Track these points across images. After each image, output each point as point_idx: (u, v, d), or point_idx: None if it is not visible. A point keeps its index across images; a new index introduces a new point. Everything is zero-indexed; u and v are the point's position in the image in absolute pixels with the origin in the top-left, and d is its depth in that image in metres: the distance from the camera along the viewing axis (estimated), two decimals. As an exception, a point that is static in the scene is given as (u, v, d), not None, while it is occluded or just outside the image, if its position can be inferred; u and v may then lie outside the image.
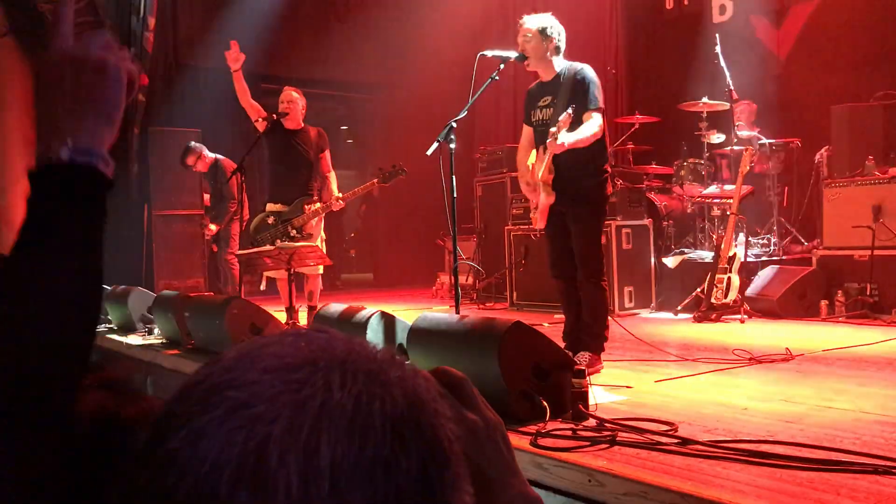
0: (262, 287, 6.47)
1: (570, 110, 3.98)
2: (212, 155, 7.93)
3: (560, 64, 4.26)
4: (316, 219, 6.00)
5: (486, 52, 4.26)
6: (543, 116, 4.27)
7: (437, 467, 0.48)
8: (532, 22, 4.24)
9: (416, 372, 0.53)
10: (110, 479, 0.88)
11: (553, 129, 3.98)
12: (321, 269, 6.14)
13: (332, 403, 0.46)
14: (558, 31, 4.23)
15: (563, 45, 4.26)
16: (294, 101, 6.06)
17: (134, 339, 5.73)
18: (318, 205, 6.01)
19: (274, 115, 6.02)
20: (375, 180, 6.03)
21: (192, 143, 7.99)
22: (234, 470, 0.43)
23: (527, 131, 4.45)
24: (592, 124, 4.03)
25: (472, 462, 0.72)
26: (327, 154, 6.18)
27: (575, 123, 4.02)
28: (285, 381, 0.47)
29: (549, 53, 4.22)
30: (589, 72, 4.19)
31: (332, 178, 6.18)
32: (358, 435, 0.45)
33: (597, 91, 4.12)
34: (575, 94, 4.12)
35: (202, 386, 0.48)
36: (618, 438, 2.59)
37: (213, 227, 7.93)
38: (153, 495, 0.45)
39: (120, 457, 1.00)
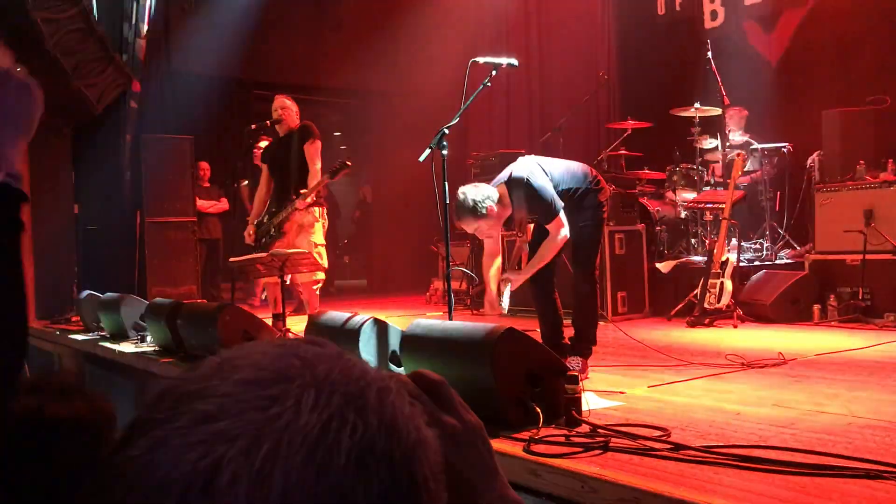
0: (264, 297, 6.40)
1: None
2: None
3: (502, 203, 4.11)
4: (301, 220, 5.89)
5: (477, 59, 4.27)
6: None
7: (404, 502, 0.46)
8: (465, 224, 4.09)
9: (403, 397, 0.51)
10: (35, 475, 0.91)
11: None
12: (320, 276, 6.01)
13: (297, 426, 0.44)
14: (483, 199, 3.98)
15: (490, 200, 4.01)
16: (287, 107, 6.09)
17: (126, 347, 5.71)
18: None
19: (267, 122, 6.05)
20: (326, 176, 5.91)
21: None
22: (184, 487, 0.42)
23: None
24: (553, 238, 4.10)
25: (451, 466, 0.72)
26: (310, 145, 5.97)
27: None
28: (257, 396, 0.45)
29: (495, 217, 4.07)
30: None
31: (314, 172, 5.93)
32: (318, 462, 0.43)
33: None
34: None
35: (175, 393, 0.47)
36: (611, 444, 2.59)
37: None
38: (106, 502, 0.44)
39: (44, 454, 1.02)
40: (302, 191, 5.80)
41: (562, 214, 4.03)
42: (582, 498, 2.33)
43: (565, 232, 4.04)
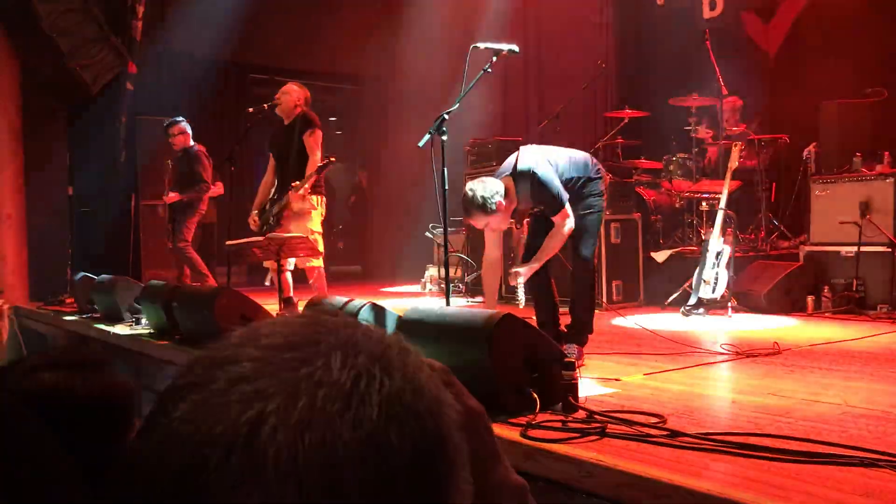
0: (267, 283, 6.35)
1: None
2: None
3: (509, 196, 4.08)
4: (298, 207, 5.86)
5: (478, 45, 4.26)
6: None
7: (432, 453, 0.49)
8: (475, 220, 4.10)
9: (420, 359, 0.54)
10: (68, 453, 0.91)
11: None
12: (315, 262, 5.97)
13: (329, 382, 0.47)
14: (492, 194, 3.98)
15: (499, 195, 3.99)
16: (289, 92, 6.06)
17: (121, 329, 5.70)
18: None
19: (265, 106, 6.03)
20: (314, 172, 5.81)
21: (183, 119, 7.97)
22: (227, 442, 0.44)
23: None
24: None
25: None
26: (309, 136, 5.90)
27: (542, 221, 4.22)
28: (286, 358, 0.48)
29: (504, 212, 4.06)
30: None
31: (313, 162, 5.84)
32: (352, 415, 0.46)
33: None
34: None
35: (207, 360, 0.50)
36: (607, 430, 2.60)
37: (173, 193, 7.68)
38: (151, 464, 0.45)
39: (75, 432, 1.02)
40: (294, 183, 5.76)
41: (567, 205, 4.04)
42: (579, 483, 2.34)
43: (571, 223, 4.05)
